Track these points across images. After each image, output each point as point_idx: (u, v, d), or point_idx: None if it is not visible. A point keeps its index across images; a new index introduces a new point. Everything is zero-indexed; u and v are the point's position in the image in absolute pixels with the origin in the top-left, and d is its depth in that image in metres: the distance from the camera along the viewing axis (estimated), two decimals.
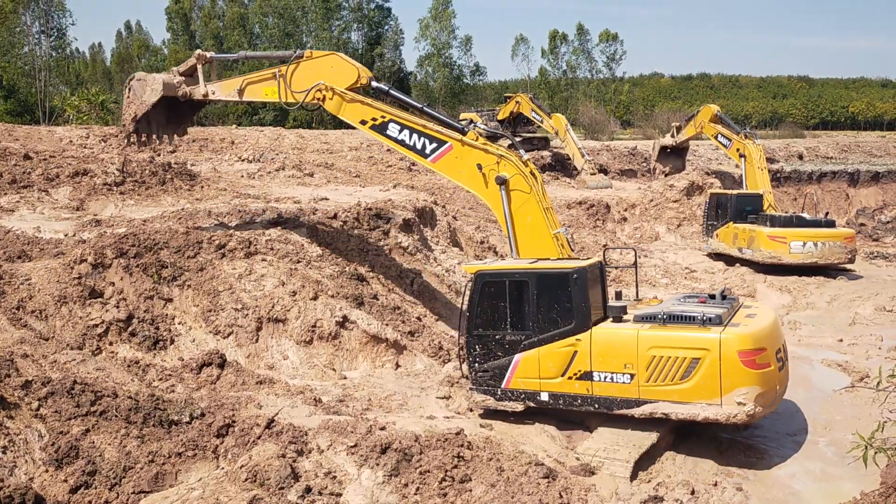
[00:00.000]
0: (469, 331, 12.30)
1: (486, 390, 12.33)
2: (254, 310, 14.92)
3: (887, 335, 17.65)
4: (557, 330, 11.80)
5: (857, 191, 39.88)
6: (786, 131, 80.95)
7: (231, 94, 15.67)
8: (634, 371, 11.30)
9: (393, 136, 14.15)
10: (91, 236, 16.43)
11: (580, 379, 11.67)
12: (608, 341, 11.56)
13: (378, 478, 9.76)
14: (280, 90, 14.81)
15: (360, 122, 14.42)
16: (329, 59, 14.76)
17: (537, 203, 13.02)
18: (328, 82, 14.50)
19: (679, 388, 11.07)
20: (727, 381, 10.83)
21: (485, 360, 12.28)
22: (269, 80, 15.07)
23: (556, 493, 9.63)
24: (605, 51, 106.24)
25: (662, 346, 11.17)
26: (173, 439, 10.48)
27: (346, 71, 14.62)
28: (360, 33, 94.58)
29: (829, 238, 24.27)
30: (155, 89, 15.87)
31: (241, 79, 15.46)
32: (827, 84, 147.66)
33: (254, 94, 15.43)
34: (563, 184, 37.93)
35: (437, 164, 13.84)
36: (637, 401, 11.36)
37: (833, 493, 9.93)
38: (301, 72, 14.73)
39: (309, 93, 14.61)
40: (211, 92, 15.76)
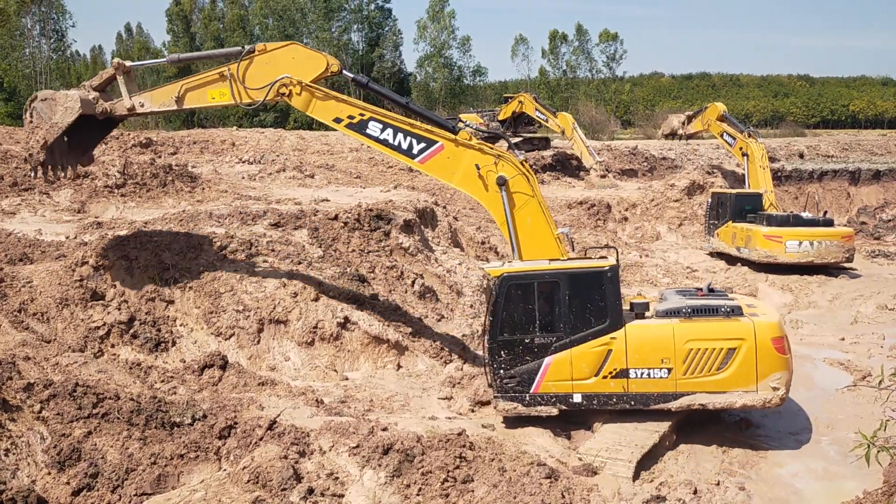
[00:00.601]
0: (494, 336, 11.82)
1: (513, 397, 11.86)
2: (255, 311, 14.92)
3: (889, 334, 17.64)
4: (591, 329, 11.71)
5: (859, 189, 39.85)
6: (786, 130, 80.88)
7: (166, 104, 13.54)
8: (672, 365, 11.58)
9: (374, 136, 12.77)
10: (92, 238, 16.44)
11: (616, 377, 11.68)
12: (644, 337, 11.67)
13: (380, 479, 9.76)
14: (233, 90, 13.08)
15: (334, 119, 12.92)
16: (288, 50, 13.15)
17: (539, 204, 12.75)
18: (294, 76, 12.96)
19: (716, 378, 11.54)
20: (762, 368, 11.49)
21: (511, 366, 11.83)
22: (215, 81, 13.24)
23: (559, 494, 9.62)
24: (606, 50, 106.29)
25: (699, 339, 11.59)
26: (175, 441, 10.48)
27: (311, 61, 13.08)
28: (360, 34, 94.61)
29: (826, 237, 24.27)
30: (70, 108, 13.40)
31: (178, 84, 13.48)
32: (827, 83, 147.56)
33: (197, 100, 13.48)
34: (563, 184, 37.91)
35: (427, 164, 12.75)
36: (674, 394, 11.66)
37: (835, 492, 9.93)
38: (256, 67, 13.05)
39: (271, 89, 12.97)
40: (139, 104, 13.65)
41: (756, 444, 11.94)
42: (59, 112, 13.47)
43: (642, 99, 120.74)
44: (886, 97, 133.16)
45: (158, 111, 13.83)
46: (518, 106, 41.27)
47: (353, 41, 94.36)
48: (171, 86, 13.58)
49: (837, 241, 24.24)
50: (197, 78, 13.42)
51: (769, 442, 12.05)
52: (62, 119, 13.45)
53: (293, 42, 13.38)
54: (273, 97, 13.14)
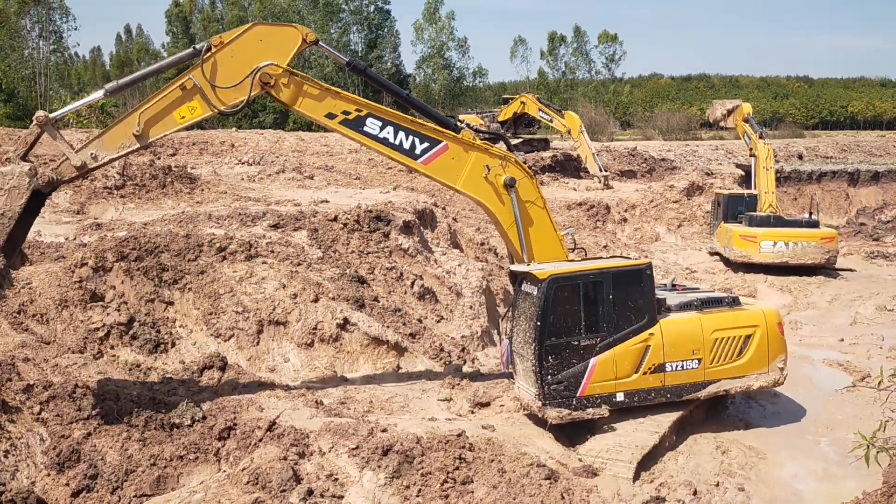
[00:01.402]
0: (541, 341, 11.40)
1: (560, 402, 11.54)
2: (255, 312, 14.92)
3: (888, 334, 17.65)
4: (632, 327, 11.84)
5: (858, 190, 39.88)
6: (785, 131, 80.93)
7: (126, 145, 10.87)
8: (702, 356, 12.15)
9: (372, 134, 11.39)
10: (92, 240, 16.44)
11: (654, 372, 11.93)
12: (677, 331, 12.08)
13: (380, 480, 9.75)
14: (208, 98, 10.92)
15: (327, 115, 11.33)
16: (251, 35, 11.12)
17: (544, 205, 12.49)
18: (272, 60, 11.09)
19: (737, 363, 12.38)
20: (772, 351, 12.62)
21: (558, 371, 11.51)
22: (178, 98, 10.92)
23: (558, 495, 9.62)
24: (605, 51, 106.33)
25: (723, 329, 12.37)
26: (175, 442, 10.48)
27: (281, 36, 11.22)
28: (359, 35, 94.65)
29: (803, 238, 24.33)
30: (17, 188, 10.18)
31: (132, 116, 10.82)
32: (826, 84, 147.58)
33: (164, 127, 11.02)
34: (562, 185, 37.92)
35: (430, 166, 11.73)
36: (703, 383, 12.25)
37: (835, 493, 9.94)
38: (224, 65, 11.00)
39: (252, 81, 11.00)
40: (91, 157, 10.74)
41: (755, 445, 11.94)
42: (6, 197, 10.13)
43: (641, 100, 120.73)
44: (885, 98, 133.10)
45: (119, 156, 11.05)
46: (520, 107, 41.12)
47: (353, 42, 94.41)
48: (123, 123, 10.91)
49: (815, 243, 24.27)
50: (153, 102, 10.89)
51: (768, 443, 12.05)
52: (11, 205, 10.12)
53: (253, 24, 11.32)
54: (257, 92, 11.26)
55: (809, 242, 24.30)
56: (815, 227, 24.95)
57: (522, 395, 12.10)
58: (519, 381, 12.29)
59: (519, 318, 12.07)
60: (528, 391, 11.92)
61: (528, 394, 11.92)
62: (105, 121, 45.26)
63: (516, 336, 12.20)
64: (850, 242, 30.97)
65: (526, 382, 11.97)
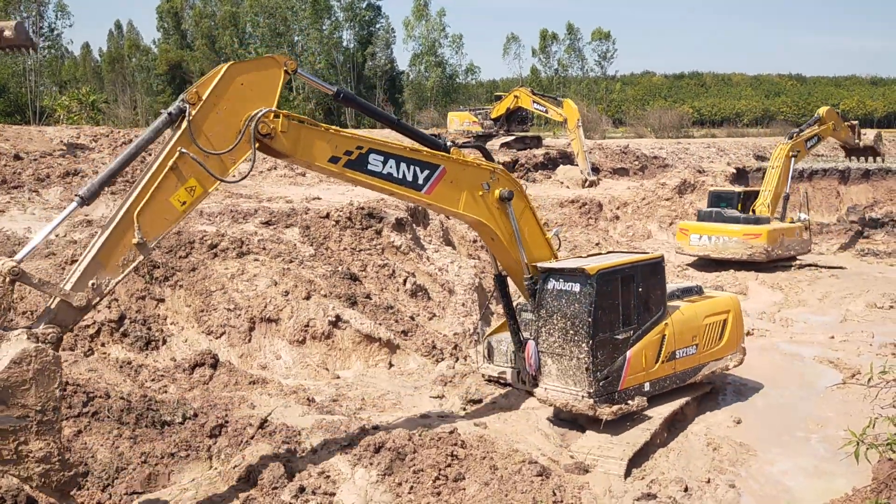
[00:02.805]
0: (593, 336, 11.29)
1: (607, 398, 11.51)
2: (246, 310, 14.88)
3: (878, 332, 17.75)
4: (653, 318, 12.18)
5: (848, 188, 40.01)
6: (777, 129, 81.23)
7: (129, 259, 8.59)
8: (698, 341, 12.87)
9: (376, 172, 10.32)
10: (82, 237, 16.36)
11: (668, 360, 12.39)
12: (682, 319, 12.62)
13: (372, 477, 9.74)
14: (207, 170, 8.98)
15: (330, 159, 9.95)
16: (231, 77, 9.18)
17: (532, 211, 12.32)
18: (263, 105, 9.35)
19: (718, 346, 13.29)
20: (738, 333, 13.77)
21: (604, 366, 11.48)
22: (171, 181, 8.81)
23: (550, 491, 9.64)
24: (597, 49, 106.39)
25: (711, 314, 13.24)
26: (166, 440, 10.44)
27: (263, 74, 9.51)
28: (351, 32, 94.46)
29: (726, 234, 24.87)
30: (46, 370, 7.78)
31: (125, 221, 8.53)
32: (818, 82, 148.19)
33: (167, 222, 8.93)
34: (555, 182, 37.94)
35: (432, 194, 10.86)
36: (699, 367, 12.99)
37: (825, 490, 9.98)
38: (209, 123, 9.06)
39: (252, 136, 9.23)
40: (93, 289, 8.37)
41: (746, 441, 11.98)
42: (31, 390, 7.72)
43: (633, 98, 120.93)
44: (875, 97, 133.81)
45: (124, 276, 8.72)
46: (514, 101, 40.81)
47: (345, 39, 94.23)
48: (115, 232, 8.50)
49: (737, 239, 24.67)
50: (145, 197, 8.64)
51: (759, 440, 12.10)
52: (48, 392, 7.82)
53: (227, 65, 9.27)
54: (260, 146, 9.44)
55: (731, 238, 24.83)
56: (757, 223, 25.01)
57: (556, 397, 11.71)
58: (550, 382, 11.88)
59: (551, 317, 11.74)
60: (566, 391, 11.61)
61: (566, 394, 11.59)
62: (95, 116, 44.95)
63: (547, 336, 11.83)
64: (840, 240, 31.10)
65: (563, 382, 11.68)
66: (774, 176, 26.60)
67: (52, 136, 29.68)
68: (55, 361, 7.89)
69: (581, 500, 9.77)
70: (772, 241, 24.67)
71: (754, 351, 16.44)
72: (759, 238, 24.60)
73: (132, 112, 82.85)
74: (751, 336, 17.90)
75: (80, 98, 45.89)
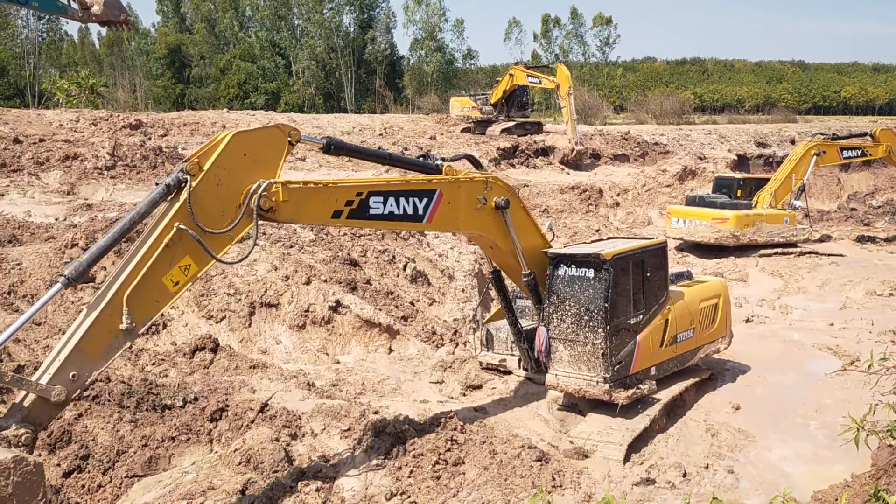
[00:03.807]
0: (609, 321, 11.30)
1: (621, 382, 11.52)
2: (246, 294, 14.89)
3: (878, 319, 17.74)
4: (658, 302, 12.25)
5: (849, 176, 39.95)
6: (778, 116, 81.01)
7: (115, 346, 7.81)
8: (696, 324, 13.03)
9: (378, 214, 9.99)
10: (82, 220, 16.34)
11: (671, 344, 12.50)
12: (681, 304, 12.72)
13: (372, 461, 9.79)
14: (205, 246, 8.37)
15: (333, 215, 9.58)
16: (234, 146, 8.57)
17: (525, 212, 12.14)
18: (266, 177, 8.78)
19: (711, 330, 13.45)
20: (727, 317, 13.95)
21: (618, 351, 11.49)
22: (164, 261, 8.09)
23: (549, 476, 9.69)
24: (599, 34, 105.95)
25: (705, 299, 13.39)
26: (167, 423, 10.48)
27: (268, 142, 8.98)
28: (351, 16, 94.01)
29: (697, 217, 25.50)
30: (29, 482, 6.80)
31: (113, 303, 7.77)
32: (820, 69, 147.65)
33: (158, 304, 8.24)
34: (556, 169, 37.85)
35: (434, 221, 10.65)
36: (695, 350, 13.14)
37: (824, 476, 10.01)
38: (209, 197, 8.38)
39: (255, 212, 8.64)
40: (72, 380, 7.45)
41: (745, 427, 12.02)
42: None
43: (635, 84, 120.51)
44: (877, 84, 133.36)
45: (108, 365, 7.94)
46: (510, 80, 40.36)
47: (345, 24, 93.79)
48: (101, 316, 7.69)
49: (706, 223, 25.12)
50: (136, 277, 7.92)
51: (758, 426, 12.13)
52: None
53: (230, 134, 8.63)
54: (264, 218, 8.95)
55: (701, 221, 25.30)
56: (734, 209, 25.12)
57: (567, 383, 11.70)
58: (561, 368, 11.82)
59: (562, 303, 11.70)
60: (579, 377, 11.60)
61: (578, 380, 11.59)
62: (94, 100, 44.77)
63: (559, 323, 11.78)
64: (840, 227, 31.06)
65: (576, 368, 11.66)
66: (786, 167, 26.53)
67: (52, 120, 29.59)
68: (37, 471, 6.79)
69: (580, 484, 9.81)
70: (740, 226, 24.80)
71: (754, 337, 16.48)
72: (727, 222, 24.87)
73: (131, 96, 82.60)
74: (750, 323, 17.93)
75: (79, 82, 45.74)
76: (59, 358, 7.46)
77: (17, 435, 7.02)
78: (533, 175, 34.18)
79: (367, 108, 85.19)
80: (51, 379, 7.33)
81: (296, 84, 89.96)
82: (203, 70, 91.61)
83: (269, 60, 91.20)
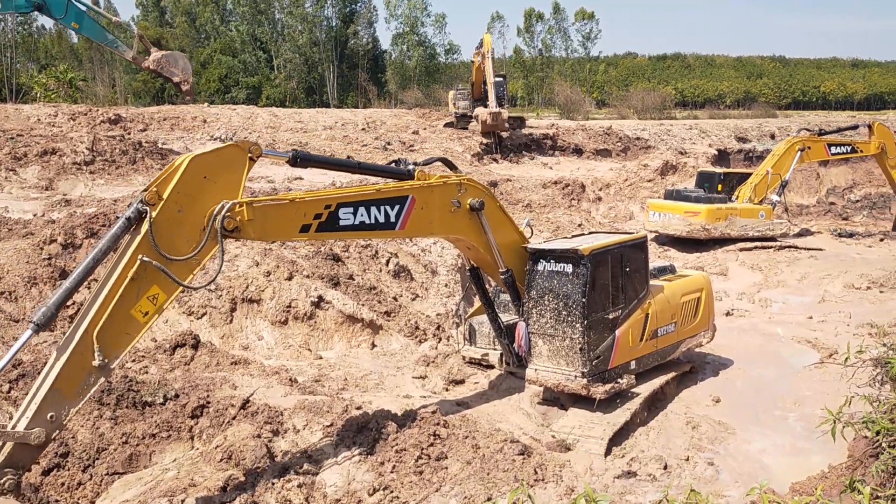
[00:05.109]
0: (587, 316, 11.33)
1: (599, 377, 11.56)
2: (227, 290, 14.81)
3: (856, 312, 17.95)
4: (638, 297, 12.25)
5: (828, 170, 40.31)
6: (758, 111, 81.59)
7: (90, 383, 7.89)
8: (677, 319, 13.04)
9: (348, 225, 9.80)
10: (61, 216, 16.18)
11: (651, 339, 12.52)
12: (662, 298, 12.73)
13: (354, 457, 9.78)
14: (170, 275, 8.23)
15: (301, 229, 9.39)
16: (193, 170, 8.39)
17: (502, 211, 12.07)
18: (229, 198, 8.60)
19: (693, 324, 13.49)
20: (710, 311, 14.01)
21: (596, 346, 11.54)
22: (131, 294, 8.07)
23: (532, 470, 9.72)
24: (581, 30, 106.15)
25: (687, 293, 13.42)
26: (147, 421, 10.41)
27: (228, 162, 8.73)
28: (333, 10, 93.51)
29: (670, 210, 25.91)
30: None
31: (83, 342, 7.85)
32: (800, 64, 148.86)
33: (129, 336, 8.22)
34: (538, 164, 37.93)
35: (407, 228, 10.55)
36: (677, 344, 13.16)
37: (802, 467, 10.11)
38: (170, 225, 8.28)
39: (219, 235, 8.54)
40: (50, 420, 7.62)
41: (725, 420, 12.13)
42: None
43: (617, 79, 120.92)
44: (856, 79, 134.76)
45: (85, 401, 7.99)
46: (476, 67, 39.96)
47: (327, 17, 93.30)
48: (72, 356, 7.75)
49: (679, 216, 25.50)
50: (105, 313, 7.93)
51: (738, 418, 12.25)
52: None
53: (188, 157, 8.47)
54: (230, 236, 8.80)
55: (675, 215, 25.63)
56: (707, 202, 25.38)
57: (546, 378, 11.74)
58: (541, 362, 11.86)
59: (541, 298, 11.73)
60: (558, 371, 11.63)
61: (557, 374, 11.62)
62: (73, 94, 44.26)
63: (538, 318, 11.82)
64: (819, 221, 31.37)
65: (555, 363, 11.70)
66: (769, 162, 26.72)
67: (30, 114, 29.23)
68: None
69: (562, 478, 9.86)
70: (711, 220, 25.03)
71: (734, 331, 16.61)
72: (698, 216, 25.10)
73: (111, 90, 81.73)
74: (730, 316, 18.08)
75: (57, 76, 45.23)
76: (34, 401, 7.52)
77: (2, 483, 7.35)
78: (516, 170, 34.24)
79: (349, 102, 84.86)
80: (28, 423, 7.43)
81: (277, 78, 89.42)
82: None
83: (251, 54, 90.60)
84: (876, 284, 20.37)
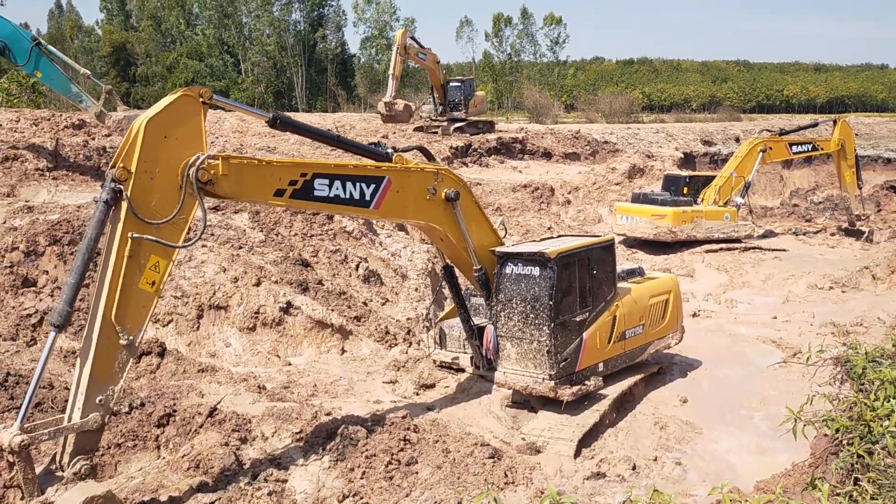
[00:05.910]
0: (554, 319, 11.41)
1: (566, 379, 11.62)
2: (194, 297, 14.65)
3: (818, 312, 18.27)
4: (606, 299, 12.36)
5: (791, 173, 41.03)
6: (724, 115, 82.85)
7: (123, 362, 8.31)
8: (645, 321, 13.18)
9: (323, 196, 9.87)
10: (23, 223, 15.86)
11: (619, 341, 12.64)
12: (630, 300, 12.86)
13: (324, 463, 9.73)
14: (166, 242, 8.52)
15: (276, 193, 9.45)
16: (151, 133, 8.37)
17: (477, 205, 12.22)
18: (192, 152, 8.65)
19: (661, 326, 13.64)
20: (678, 313, 14.20)
21: (563, 349, 11.60)
22: (133, 271, 8.32)
23: (502, 473, 9.75)
24: (549, 34, 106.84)
25: (655, 295, 13.55)
26: (112, 430, 10.25)
27: (181, 113, 8.65)
28: (301, 14, 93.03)
29: (636, 214, 26.42)
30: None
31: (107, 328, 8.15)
32: (764, 68, 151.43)
33: (145, 309, 8.45)
34: (507, 167, 38.08)
35: (381, 208, 10.60)
36: (645, 346, 13.29)
37: (768, 466, 10.27)
38: (146, 193, 8.37)
39: (196, 191, 8.63)
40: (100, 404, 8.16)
41: (692, 420, 12.27)
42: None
43: (585, 83, 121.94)
44: (818, 83, 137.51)
45: (125, 377, 8.46)
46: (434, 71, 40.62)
47: (295, 21, 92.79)
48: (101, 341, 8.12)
49: (645, 219, 25.98)
50: (110, 295, 8.20)
51: (705, 418, 12.40)
52: None
53: (140, 121, 8.47)
54: (208, 193, 8.91)
55: (641, 218, 26.07)
56: (674, 205, 25.75)
57: (515, 380, 11.80)
58: (509, 365, 11.91)
59: (509, 301, 11.80)
60: (526, 374, 11.70)
61: (525, 377, 11.69)
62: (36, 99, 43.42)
63: (506, 321, 11.87)
64: (783, 223, 31.90)
65: (522, 365, 11.76)
66: (732, 164, 27.11)
67: None
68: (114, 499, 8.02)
69: (532, 480, 9.90)
70: (678, 222, 25.36)
71: (700, 332, 16.82)
72: (665, 219, 25.43)
73: None
74: (697, 317, 18.31)
75: (19, 81, 44.35)
76: (80, 392, 8.06)
77: (79, 471, 8.05)
78: (485, 173, 34.34)
79: (318, 107, 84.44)
80: (82, 413, 7.99)
81: (245, 82, 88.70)
82: (149, 68, 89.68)
83: (217, 59, 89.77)
84: (838, 285, 20.77)
